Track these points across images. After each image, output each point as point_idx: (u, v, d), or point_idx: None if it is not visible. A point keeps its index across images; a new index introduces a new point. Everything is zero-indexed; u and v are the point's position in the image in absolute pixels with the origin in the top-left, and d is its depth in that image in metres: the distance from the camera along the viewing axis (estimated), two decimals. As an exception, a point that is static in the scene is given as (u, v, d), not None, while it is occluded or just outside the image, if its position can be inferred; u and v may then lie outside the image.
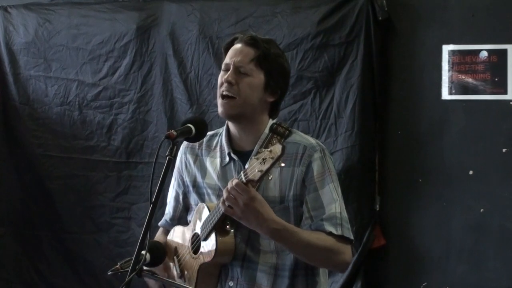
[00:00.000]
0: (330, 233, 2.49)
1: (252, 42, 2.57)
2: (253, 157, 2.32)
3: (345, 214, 2.55)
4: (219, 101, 2.57)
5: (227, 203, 2.40)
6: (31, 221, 4.93)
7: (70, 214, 4.85)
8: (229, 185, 2.37)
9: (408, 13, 4.28)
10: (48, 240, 4.90)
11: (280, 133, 2.56)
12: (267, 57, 2.56)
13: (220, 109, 2.57)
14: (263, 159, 2.27)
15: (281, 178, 2.54)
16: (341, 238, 2.51)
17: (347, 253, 2.54)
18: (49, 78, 4.86)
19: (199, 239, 2.58)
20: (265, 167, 2.26)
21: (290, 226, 2.47)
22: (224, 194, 2.39)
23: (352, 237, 2.55)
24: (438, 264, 4.23)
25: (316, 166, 2.53)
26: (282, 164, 2.31)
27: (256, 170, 2.28)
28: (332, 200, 2.52)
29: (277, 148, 2.26)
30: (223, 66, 2.61)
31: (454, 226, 4.22)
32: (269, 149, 2.27)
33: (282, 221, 2.44)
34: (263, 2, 4.46)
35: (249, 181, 2.33)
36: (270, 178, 2.38)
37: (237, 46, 2.59)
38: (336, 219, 2.51)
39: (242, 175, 2.35)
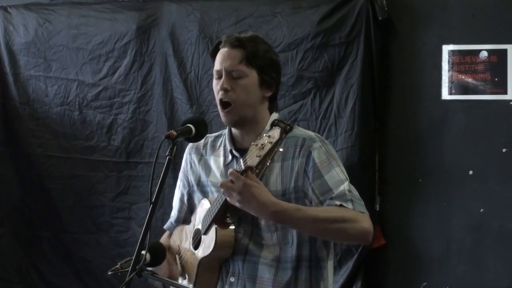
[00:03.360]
0: (340, 205, 2.46)
1: (237, 43, 2.57)
2: (252, 144, 2.31)
3: (355, 192, 2.51)
4: (221, 111, 2.57)
5: (224, 194, 2.40)
6: (31, 221, 4.93)
7: (70, 214, 4.85)
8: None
9: (408, 13, 4.28)
10: (48, 240, 4.90)
11: (281, 128, 2.56)
12: (255, 54, 2.56)
13: (223, 119, 2.58)
14: (262, 144, 2.26)
15: (283, 172, 2.54)
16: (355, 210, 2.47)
17: (365, 221, 2.46)
18: (49, 78, 4.86)
19: (200, 233, 2.58)
20: (263, 152, 2.25)
21: (291, 205, 2.44)
22: (221, 187, 2.39)
23: (366, 211, 2.48)
24: (438, 264, 4.23)
25: (317, 155, 2.52)
26: (281, 149, 2.30)
27: (255, 156, 2.27)
28: (340, 181, 2.50)
29: (275, 132, 2.25)
30: (214, 74, 2.60)
31: (454, 226, 4.22)
32: (267, 135, 2.27)
33: (281, 202, 2.42)
34: (263, 2, 4.46)
35: (248, 168, 2.32)
36: (268, 163, 2.33)
37: (224, 50, 2.59)
38: (346, 196, 2.48)
39: (241, 162, 2.35)
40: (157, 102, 4.66)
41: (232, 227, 2.53)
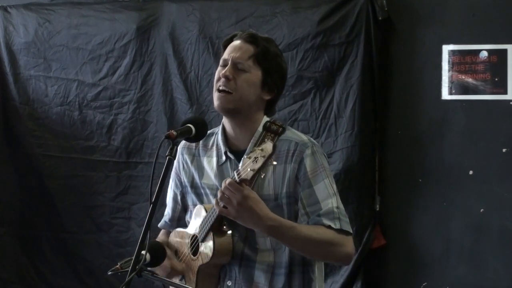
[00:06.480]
0: (329, 227, 2.48)
1: (251, 39, 2.57)
2: (245, 157, 2.32)
3: (342, 208, 2.54)
4: (216, 94, 2.56)
5: (221, 204, 2.40)
6: (31, 221, 4.93)
7: (70, 214, 4.85)
8: (223, 185, 2.37)
9: (408, 13, 4.28)
10: (48, 240, 4.90)
11: (273, 131, 2.56)
12: (265, 54, 2.56)
13: (216, 103, 2.56)
14: (255, 158, 2.27)
15: (275, 176, 2.53)
16: (341, 231, 2.50)
17: (349, 245, 2.52)
18: (49, 78, 4.86)
19: (198, 240, 2.58)
20: (257, 166, 2.26)
21: (287, 222, 2.46)
22: (218, 194, 2.39)
23: (351, 230, 2.53)
24: (438, 264, 4.23)
25: (308, 162, 2.52)
26: (274, 163, 2.31)
27: (249, 169, 2.28)
28: (328, 195, 2.51)
29: (268, 146, 2.26)
30: (221, 62, 2.61)
31: (454, 226, 4.23)
32: (260, 148, 2.27)
33: (278, 218, 2.43)
34: (263, 2, 4.46)
35: (243, 180, 2.33)
36: (262, 176, 2.37)
37: (236, 42, 2.59)
38: (334, 213, 2.50)
39: (235, 174, 2.35)
40: (157, 102, 4.66)
41: (229, 233, 2.53)
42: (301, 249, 2.50)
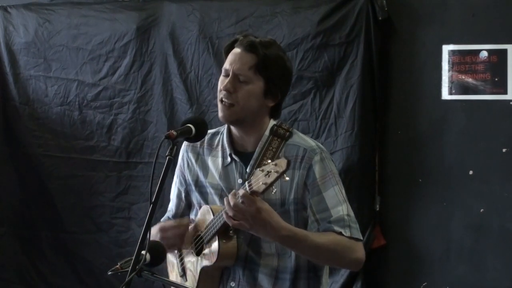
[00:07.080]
0: (339, 233, 2.48)
1: (251, 48, 2.52)
2: (257, 169, 2.30)
3: (352, 214, 2.54)
4: (219, 106, 2.56)
5: (231, 214, 2.36)
6: (31, 221, 4.93)
7: (70, 214, 4.86)
8: (232, 201, 2.34)
9: (408, 13, 4.28)
10: (48, 240, 4.90)
11: (280, 135, 2.55)
12: (266, 63, 2.52)
13: (220, 114, 2.56)
14: (268, 171, 2.25)
15: (282, 181, 2.53)
16: (351, 238, 2.50)
17: (359, 250, 2.52)
18: (49, 78, 4.86)
19: (202, 241, 2.58)
20: (269, 180, 2.25)
21: (299, 231, 2.45)
22: (230, 211, 2.36)
23: (361, 237, 2.54)
24: (438, 264, 4.24)
25: (317, 169, 2.51)
26: (287, 178, 2.29)
27: (261, 183, 2.27)
28: (338, 202, 2.51)
29: (282, 162, 2.24)
30: (223, 71, 2.58)
31: (454, 226, 4.23)
32: (274, 162, 2.26)
33: (291, 227, 2.43)
34: (263, 2, 4.46)
35: (253, 193, 2.32)
36: (273, 192, 2.35)
37: (237, 51, 2.55)
38: (344, 221, 2.50)
39: (247, 185, 2.33)
40: (157, 102, 4.66)
41: (235, 237, 2.53)
42: (313, 256, 2.50)
